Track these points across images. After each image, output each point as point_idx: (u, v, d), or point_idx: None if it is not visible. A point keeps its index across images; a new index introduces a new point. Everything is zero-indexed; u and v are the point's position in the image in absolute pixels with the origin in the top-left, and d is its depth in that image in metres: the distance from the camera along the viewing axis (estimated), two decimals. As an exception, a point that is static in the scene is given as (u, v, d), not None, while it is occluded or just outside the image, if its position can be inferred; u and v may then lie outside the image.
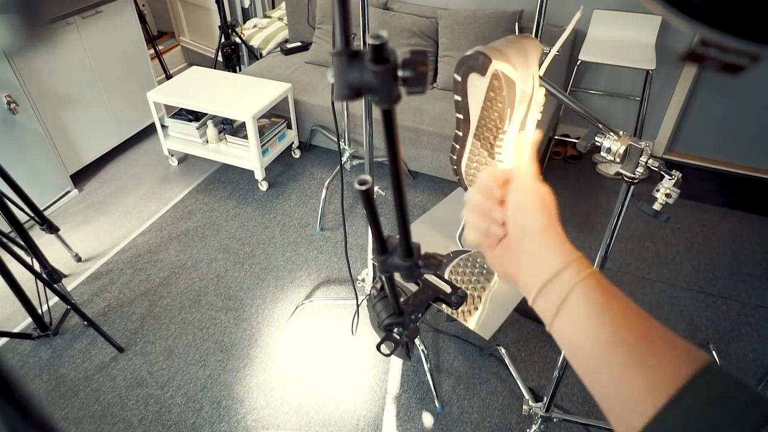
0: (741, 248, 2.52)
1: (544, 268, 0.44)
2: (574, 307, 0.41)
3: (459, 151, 0.71)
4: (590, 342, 0.40)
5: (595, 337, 0.40)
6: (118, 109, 3.11)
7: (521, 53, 0.63)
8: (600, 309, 0.40)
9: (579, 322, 0.41)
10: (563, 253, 0.44)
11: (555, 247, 0.44)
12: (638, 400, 0.37)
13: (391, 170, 0.41)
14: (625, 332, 0.39)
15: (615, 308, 0.40)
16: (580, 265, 0.43)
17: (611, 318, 0.40)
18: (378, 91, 0.33)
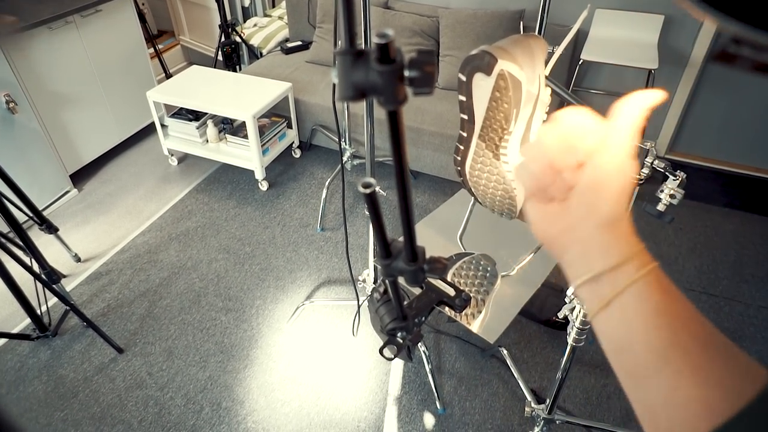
0: (744, 249, 2.50)
1: (602, 256, 0.39)
2: (629, 305, 0.37)
3: (463, 152, 0.70)
4: (643, 344, 0.37)
5: (650, 340, 0.36)
6: (117, 108, 3.10)
7: (527, 53, 0.61)
8: (659, 311, 0.37)
9: (633, 321, 0.37)
10: (627, 245, 0.39)
11: (620, 237, 0.40)
12: (693, 415, 0.34)
13: (397, 173, 0.39)
14: (685, 338, 0.36)
15: (676, 311, 0.37)
16: (642, 259, 0.38)
17: (670, 321, 0.36)
18: (383, 91, 0.32)
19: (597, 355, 2.01)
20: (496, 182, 0.69)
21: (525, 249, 1.37)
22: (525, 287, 1.27)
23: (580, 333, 1.23)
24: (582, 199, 0.40)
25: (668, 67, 2.82)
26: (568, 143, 0.41)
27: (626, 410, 1.83)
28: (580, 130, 0.41)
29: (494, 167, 0.67)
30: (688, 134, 3.10)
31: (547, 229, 0.43)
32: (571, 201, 0.41)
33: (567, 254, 0.42)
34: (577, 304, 1.20)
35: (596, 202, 0.40)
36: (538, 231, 0.45)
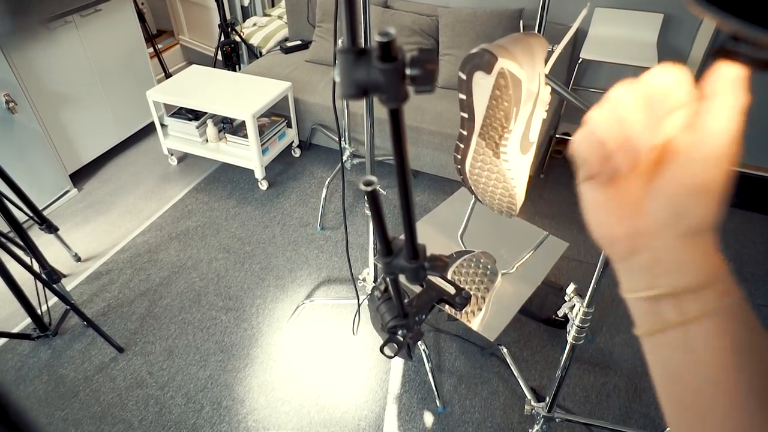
0: (744, 248, 2.51)
1: (675, 273, 0.32)
2: (703, 336, 0.32)
3: (463, 151, 0.70)
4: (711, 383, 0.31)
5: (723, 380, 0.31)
6: (117, 108, 3.10)
7: (527, 51, 0.62)
8: (742, 350, 0.31)
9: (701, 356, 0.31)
10: (707, 265, 0.32)
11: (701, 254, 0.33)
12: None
13: (398, 171, 0.40)
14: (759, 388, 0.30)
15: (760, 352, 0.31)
16: (726, 285, 0.32)
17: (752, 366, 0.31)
18: (385, 89, 0.32)
19: (596, 353, 2.01)
20: (496, 180, 0.69)
21: (525, 247, 1.37)
22: (525, 285, 1.27)
23: (579, 331, 1.24)
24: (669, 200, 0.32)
25: (667, 65, 2.82)
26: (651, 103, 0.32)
27: (625, 408, 1.83)
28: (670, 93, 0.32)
29: (494, 165, 0.67)
30: (688, 133, 3.10)
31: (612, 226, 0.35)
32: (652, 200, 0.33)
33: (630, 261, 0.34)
34: (576, 303, 1.20)
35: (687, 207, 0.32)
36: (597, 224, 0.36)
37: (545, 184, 2.93)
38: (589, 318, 1.20)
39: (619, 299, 2.21)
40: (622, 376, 1.93)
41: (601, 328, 2.10)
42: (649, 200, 0.33)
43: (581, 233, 2.56)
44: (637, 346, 2.03)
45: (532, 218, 2.68)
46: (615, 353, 2.01)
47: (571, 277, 2.32)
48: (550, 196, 2.83)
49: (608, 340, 2.05)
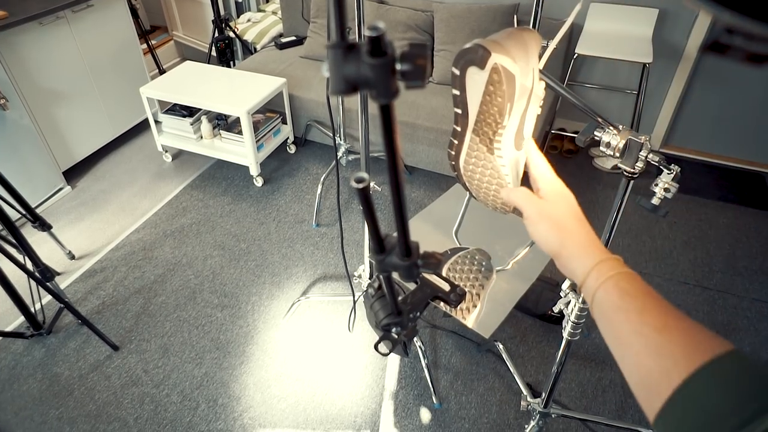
0: (738, 242, 2.52)
1: (574, 277, 0.53)
2: (597, 308, 0.50)
3: (457, 147, 0.69)
4: (614, 336, 0.47)
5: (617, 331, 0.47)
6: (110, 104, 3.08)
7: (521, 46, 0.61)
8: (617, 309, 0.47)
9: (603, 319, 0.49)
10: (583, 265, 0.52)
11: (575, 258, 0.53)
12: (656, 382, 0.41)
13: (389, 168, 0.39)
14: (640, 327, 0.45)
15: (631, 307, 0.46)
16: (597, 272, 0.50)
17: (627, 316, 0.46)
18: (375, 85, 0.32)
19: (592, 349, 2.02)
20: (490, 176, 0.69)
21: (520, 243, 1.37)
22: (520, 281, 1.27)
23: (575, 327, 1.24)
24: (531, 234, 0.58)
25: (662, 60, 2.83)
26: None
27: (621, 403, 1.84)
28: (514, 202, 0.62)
29: (488, 161, 0.66)
30: (683, 128, 3.11)
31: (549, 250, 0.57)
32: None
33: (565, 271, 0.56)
34: (572, 299, 1.20)
35: (537, 238, 0.57)
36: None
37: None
38: (584, 314, 1.20)
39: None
40: (617, 372, 1.93)
41: (596, 324, 2.10)
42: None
43: (577, 229, 2.56)
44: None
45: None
46: (611, 349, 2.01)
47: (567, 273, 2.32)
48: (546, 192, 2.83)
49: (604, 336, 2.06)
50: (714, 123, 3.01)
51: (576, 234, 0.54)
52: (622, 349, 0.46)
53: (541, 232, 0.56)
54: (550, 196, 0.57)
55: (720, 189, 2.87)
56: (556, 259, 0.55)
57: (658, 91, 2.96)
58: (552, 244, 0.55)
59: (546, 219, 0.55)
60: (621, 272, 0.49)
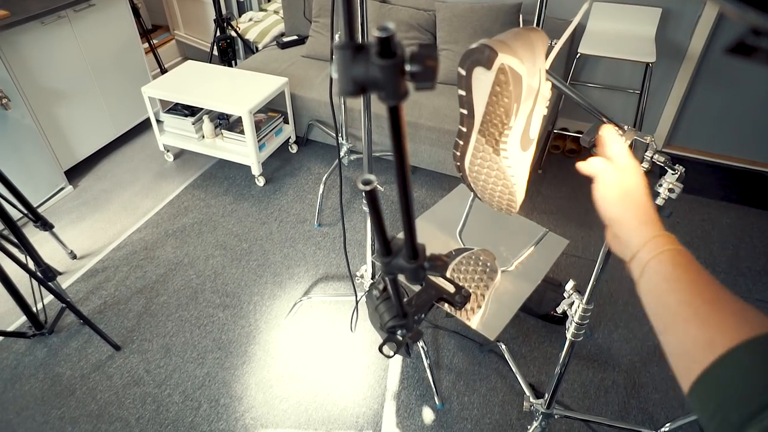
0: (741, 242, 2.51)
1: (628, 247, 0.55)
2: (647, 279, 0.51)
3: (462, 148, 0.69)
4: (661, 305, 0.48)
5: (665, 301, 0.48)
6: (112, 104, 3.08)
7: (528, 46, 0.61)
8: (669, 279, 0.48)
9: (652, 290, 0.50)
10: (641, 235, 0.53)
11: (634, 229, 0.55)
12: (698, 350, 0.42)
13: (397, 170, 0.39)
14: (691, 297, 0.45)
15: (684, 278, 0.47)
16: (654, 244, 0.52)
17: (678, 286, 0.47)
18: (384, 86, 0.31)
19: (594, 350, 2.01)
20: (496, 177, 0.68)
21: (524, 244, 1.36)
22: (525, 283, 1.26)
23: (578, 328, 1.23)
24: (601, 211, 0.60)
25: (666, 60, 2.82)
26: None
27: (624, 404, 1.83)
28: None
29: (494, 162, 0.66)
30: (686, 128, 3.10)
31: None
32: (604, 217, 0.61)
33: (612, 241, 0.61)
34: (575, 299, 1.19)
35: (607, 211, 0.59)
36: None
37: (543, 180, 2.92)
38: (588, 315, 1.20)
39: (617, 295, 2.21)
40: (620, 372, 1.93)
41: (599, 324, 2.10)
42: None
43: (580, 229, 2.56)
44: (635, 342, 2.03)
45: (530, 214, 2.68)
46: (613, 349, 2.01)
47: (570, 273, 2.31)
48: (548, 192, 2.83)
49: (607, 336, 2.05)
50: (717, 122, 3.00)
51: (641, 206, 0.56)
52: (668, 318, 0.47)
53: (612, 196, 0.58)
54: (623, 168, 0.60)
55: (723, 189, 2.87)
56: (614, 225, 0.58)
57: (661, 91, 2.95)
58: (616, 210, 0.57)
59: (619, 186, 0.58)
60: (677, 248, 0.51)
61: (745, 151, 3.03)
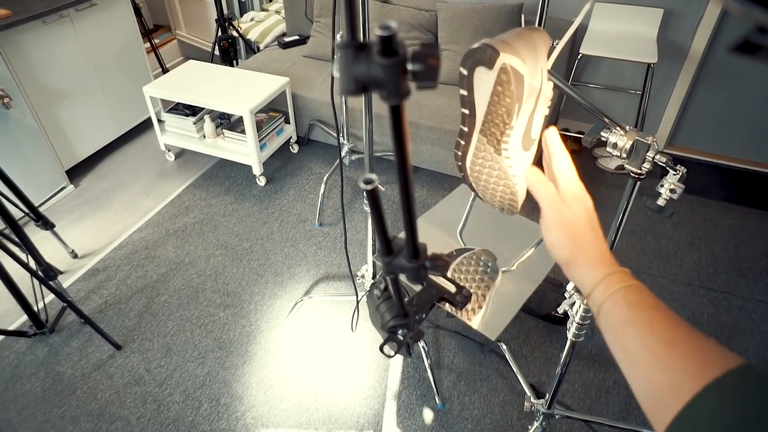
0: (742, 243, 2.51)
1: (582, 287, 0.53)
2: (604, 320, 0.50)
3: (464, 148, 0.69)
4: (622, 350, 0.47)
5: (624, 345, 0.46)
6: (113, 103, 3.08)
7: (530, 46, 0.60)
8: (624, 321, 0.47)
9: (611, 332, 0.49)
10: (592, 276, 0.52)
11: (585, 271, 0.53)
12: (665, 397, 0.41)
13: (399, 170, 0.39)
14: (649, 340, 0.44)
15: (639, 320, 0.46)
16: (605, 285, 0.50)
17: (635, 328, 0.46)
18: (386, 85, 0.31)
19: (595, 350, 2.01)
20: (497, 178, 0.68)
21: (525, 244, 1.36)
22: (526, 283, 1.26)
23: (579, 328, 1.23)
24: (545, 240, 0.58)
25: (667, 61, 2.82)
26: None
27: (625, 404, 1.83)
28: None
29: (496, 162, 0.66)
30: (687, 128, 3.10)
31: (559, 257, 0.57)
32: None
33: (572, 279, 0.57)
34: (576, 300, 1.19)
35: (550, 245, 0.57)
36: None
37: (544, 180, 2.91)
38: (589, 315, 1.20)
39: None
40: (621, 373, 1.91)
41: (600, 325, 2.09)
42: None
43: (580, 229, 2.55)
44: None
45: (531, 214, 2.67)
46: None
47: (570, 274, 2.31)
48: (549, 192, 2.82)
49: (607, 337, 2.05)
50: (718, 123, 3.00)
51: (589, 245, 0.54)
52: (629, 363, 0.46)
53: (556, 238, 0.55)
54: (571, 201, 0.56)
55: (724, 189, 2.86)
56: (565, 267, 0.55)
57: (663, 92, 2.95)
58: (564, 252, 0.54)
59: (563, 226, 0.55)
60: (629, 285, 0.49)
61: (747, 152, 3.03)
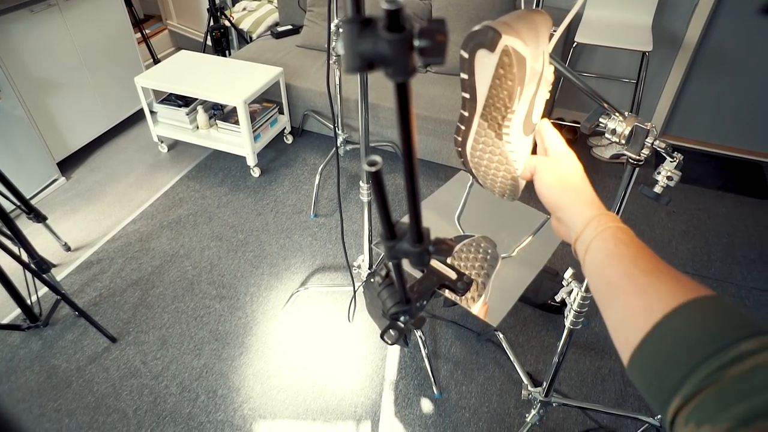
0: (736, 231, 2.52)
1: (572, 229, 0.56)
2: (591, 257, 0.51)
3: (464, 133, 0.68)
4: (603, 281, 0.49)
5: (607, 276, 0.48)
6: (105, 94, 3.04)
7: (532, 28, 0.59)
8: (611, 254, 0.49)
9: (595, 267, 0.50)
10: (583, 216, 0.54)
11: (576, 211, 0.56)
12: (638, 319, 0.42)
13: (404, 151, 0.38)
14: (631, 270, 0.46)
15: (625, 253, 0.48)
16: (597, 223, 0.52)
17: (620, 260, 0.48)
18: (392, 62, 0.30)
19: (592, 338, 2.02)
20: (498, 163, 0.67)
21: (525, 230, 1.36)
22: (526, 269, 1.26)
23: (577, 315, 1.23)
24: (543, 198, 0.61)
25: (662, 49, 2.81)
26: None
27: (620, 392, 1.84)
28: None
29: (497, 147, 0.65)
30: (682, 117, 3.10)
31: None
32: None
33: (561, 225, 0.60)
34: (574, 287, 1.19)
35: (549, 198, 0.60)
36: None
37: (539, 170, 2.91)
38: (587, 303, 1.20)
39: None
40: (617, 360, 1.94)
41: (596, 313, 2.10)
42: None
43: (575, 218, 2.56)
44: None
45: (527, 203, 2.68)
46: (610, 338, 2.01)
47: (566, 263, 2.32)
48: (545, 182, 2.82)
49: (603, 325, 2.06)
50: (713, 112, 3.00)
51: (580, 188, 0.57)
52: (609, 292, 0.48)
53: (547, 182, 0.59)
54: (561, 156, 0.61)
55: (719, 178, 2.87)
56: (556, 211, 0.59)
57: (657, 80, 2.95)
58: (556, 195, 0.58)
59: (553, 171, 0.60)
60: (619, 225, 0.52)
61: (741, 141, 3.04)
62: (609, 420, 1.77)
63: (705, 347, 0.36)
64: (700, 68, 2.87)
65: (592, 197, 0.57)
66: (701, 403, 0.35)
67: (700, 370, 0.36)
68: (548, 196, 0.59)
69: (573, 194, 0.57)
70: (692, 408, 0.35)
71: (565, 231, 0.59)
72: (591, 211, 0.54)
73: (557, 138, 0.64)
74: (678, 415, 0.36)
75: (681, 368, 0.37)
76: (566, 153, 0.62)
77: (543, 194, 0.60)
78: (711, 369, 0.35)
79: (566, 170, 0.60)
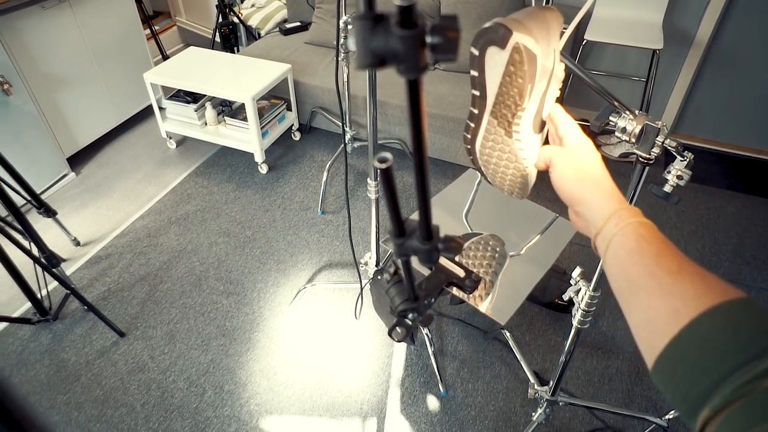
0: (745, 231, 2.50)
1: (592, 223, 0.54)
2: (613, 253, 0.49)
3: (473, 130, 0.68)
4: (625, 279, 0.47)
5: (629, 275, 0.46)
6: (114, 90, 3.06)
7: (543, 26, 0.59)
8: (632, 252, 0.47)
9: (617, 264, 0.49)
10: (604, 210, 0.52)
11: (596, 205, 0.53)
12: (663, 322, 0.41)
13: (414, 148, 0.38)
14: (654, 269, 0.44)
15: (647, 251, 0.46)
16: (618, 218, 0.50)
17: (642, 258, 0.46)
18: (404, 59, 0.30)
19: (599, 337, 2.01)
20: (507, 161, 0.67)
21: (533, 229, 1.35)
22: (534, 268, 1.25)
23: (585, 315, 1.23)
24: (561, 192, 0.58)
25: (673, 47, 2.79)
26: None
27: (628, 392, 1.84)
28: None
29: (506, 145, 0.65)
30: (692, 116, 3.07)
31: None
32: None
33: (580, 219, 0.58)
34: (582, 286, 1.19)
35: (563, 195, 0.58)
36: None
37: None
38: (595, 302, 1.19)
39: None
40: (624, 360, 1.93)
41: (603, 312, 2.09)
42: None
43: (583, 217, 2.54)
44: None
45: (536, 201, 2.67)
46: (617, 337, 2.01)
47: (574, 261, 2.31)
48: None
49: (611, 324, 2.05)
50: (723, 111, 2.97)
51: (600, 181, 0.55)
52: (631, 291, 0.46)
53: (565, 174, 0.56)
54: (578, 147, 0.58)
55: (728, 178, 2.85)
56: (574, 205, 0.56)
57: (668, 79, 2.92)
58: (574, 188, 0.55)
59: (570, 163, 0.57)
60: (641, 220, 0.50)
61: (751, 140, 3.01)
62: (616, 420, 1.76)
63: (735, 356, 0.35)
64: (711, 67, 2.84)
65: (612, 190, 0.54)
66: (732, 416, 0.33)
67: (730, 380, 0.34)
68: (566, 189, 0.56)
69: (592, 187, 0.54)
70: (722, 420, 0.34)
71: (584, 225, 0.57)
72: (612, 205, 0.52)
73: (573, 125, 0.61)
74: (707, 426, 0.35)
75: (709, 377, 0.36)
76: (584, 142, 0.59)
77: (560, 187, 0.57)
78: (742, 381, 0.34)
79: (584, 161, 0.56)
